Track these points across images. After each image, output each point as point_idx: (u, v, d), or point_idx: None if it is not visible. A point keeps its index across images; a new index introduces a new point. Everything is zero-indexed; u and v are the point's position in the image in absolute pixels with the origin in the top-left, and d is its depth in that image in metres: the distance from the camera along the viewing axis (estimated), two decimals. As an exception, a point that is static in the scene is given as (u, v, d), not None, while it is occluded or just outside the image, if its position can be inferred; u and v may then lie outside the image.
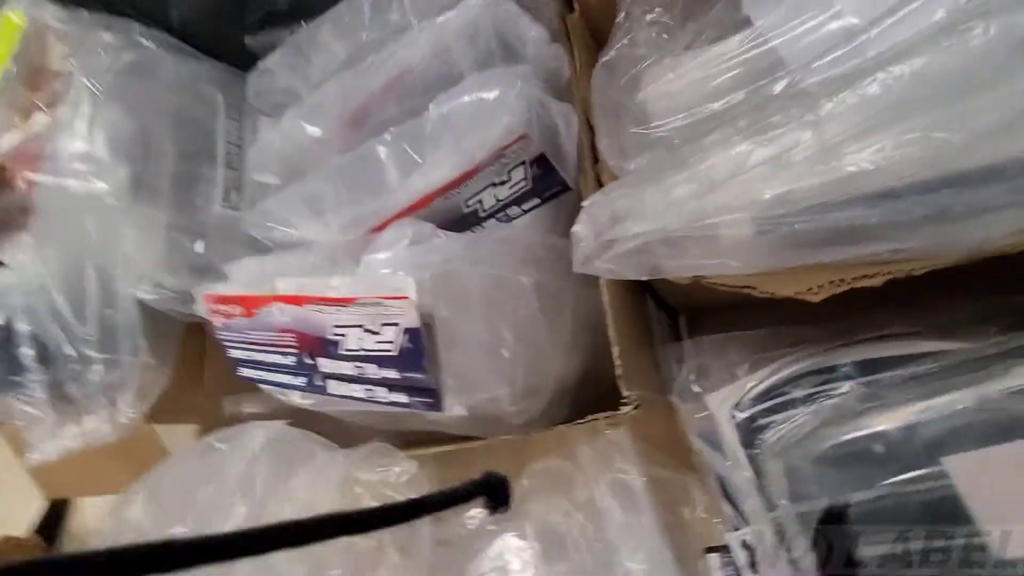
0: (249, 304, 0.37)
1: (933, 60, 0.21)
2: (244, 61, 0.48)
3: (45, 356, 0.54)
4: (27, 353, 0.54)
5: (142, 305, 0.54)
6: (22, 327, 0.55)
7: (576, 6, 0.46)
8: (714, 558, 0.49)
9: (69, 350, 0.53)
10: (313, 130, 0.40)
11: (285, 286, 0.34)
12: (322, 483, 0.39)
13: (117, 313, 0.54)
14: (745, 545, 0.45)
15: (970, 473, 0.30)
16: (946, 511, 0.30)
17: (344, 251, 0.35)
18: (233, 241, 0.49)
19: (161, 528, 0.34)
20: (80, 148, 0.44)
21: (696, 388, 0.43)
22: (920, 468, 0.30)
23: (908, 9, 0.26)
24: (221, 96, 0.52)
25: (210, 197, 0.50)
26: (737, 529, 0.45)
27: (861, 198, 0.25)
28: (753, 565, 0.44)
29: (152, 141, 0.49)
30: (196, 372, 0.62)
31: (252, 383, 0.43)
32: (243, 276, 0.39)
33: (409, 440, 0.52)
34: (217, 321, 0.41)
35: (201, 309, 0.42)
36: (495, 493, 0.25)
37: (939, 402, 0.31)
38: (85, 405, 0.55)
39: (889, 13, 0.27)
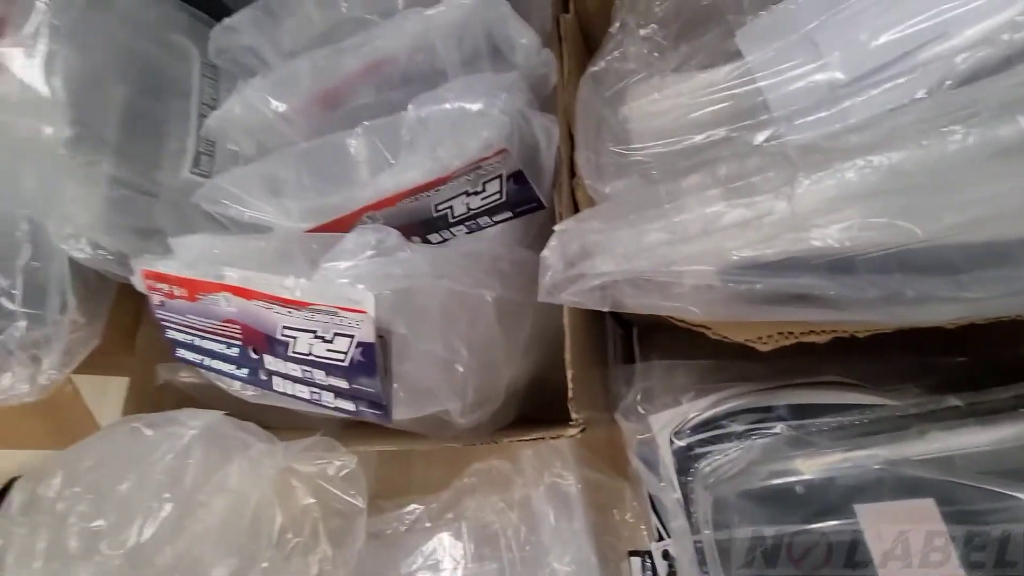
0: (193, 288, 0.34)
1: (911, 156, 0.21)
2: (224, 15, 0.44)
3: (-43, 305, 0.50)
4: (-65, 299, 0.49)
5: (73, 261, 0.50)
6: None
7: (572, 7, 0.44)
8: (636, 562, 0.52)
9: (-13, 303, 0.48)
10: (278, 105, 0.37)
11: (234, 277, 0.32)
12: (256, 474, 0.38)
13: (46, 268, 0.50)
14: (666, 556, 0.48)
15: (876, 521, 0.32)
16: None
17: (300, 246, 0.33)
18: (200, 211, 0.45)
19: (78, 516, 0.33)
20: (30, 84, 0.39)
21: (641, 410, 0.44)
22: (834, 513, 0.33)
23: (891, 85, 0.27)
24: (196, 51, 0.47)
25: (179, 161, 0.45)
26: (661, 540, 0.48)
27: (821, 270, 0.26)
28: (672, 575, 0.48)
29: (110, 89, 0.44)
30: (129, 333, 0.58)
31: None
32: (188, 254, 0.37)
33: (349, 424, 0.51)
34: (155, 299, 0.38)
35: (138, 283, 0.39)
36: None
37: (859, 455, 0.34)
38: (3, 361, 0.51)
39: (872, 75, 0.28)
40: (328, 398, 0.32)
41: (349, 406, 0.32)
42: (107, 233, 0.44)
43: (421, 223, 0.37)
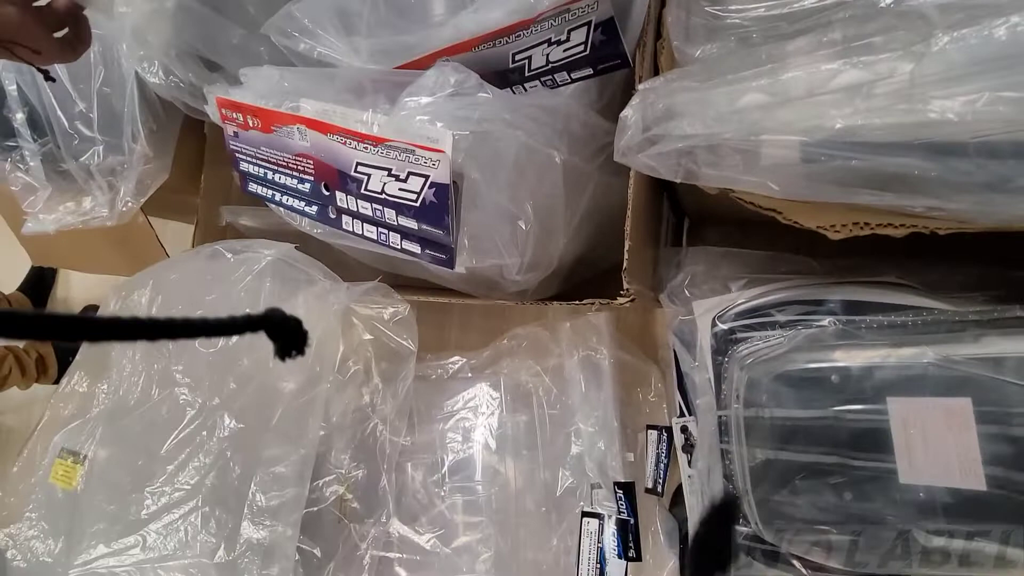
0: (268, 119, 0.35)
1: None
2: None
3: (37, 124, 0.52)
4: (18, 117, 0.51)
5: (142, 94, 0.51)
6: (10, 88, 0.52)
7: None
8: (653, 434, 0.56)
9: (65, 123, 0.50)
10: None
11: (310, 108, 0.32)
12: (321, 309, 0.41)
13: (119, 95, 0.51)
14: (684, 430, 0.52)
15: (905, 415, 0.33)
16: (873, 440, 0.34)
17: (372, 82, 0.33)
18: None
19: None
20: None
21: (687, 293, 0.45)
22: (865, 402, 0.34)
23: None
24: None
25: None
26: (682, 416, 0.51)
27: (925, 148, 0.25)
28: (687, 448, 0.52)
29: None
30: (193, 175, 0.60)
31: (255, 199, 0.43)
32: (259, 85, 0.37)
33: (395, 281, 0.54)
34: (229, 129, 0.39)
35: (212, 112, 0.39)
36: (280, 332, 0.21)
37: (904, 352, 0.34)
38: (84, 185, 0.54)
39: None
40: (395, 239, 0.34)
41: (415, 248, 0.33)
42: (178, 59, 0.44)
43: (495, 74, 0.35)
